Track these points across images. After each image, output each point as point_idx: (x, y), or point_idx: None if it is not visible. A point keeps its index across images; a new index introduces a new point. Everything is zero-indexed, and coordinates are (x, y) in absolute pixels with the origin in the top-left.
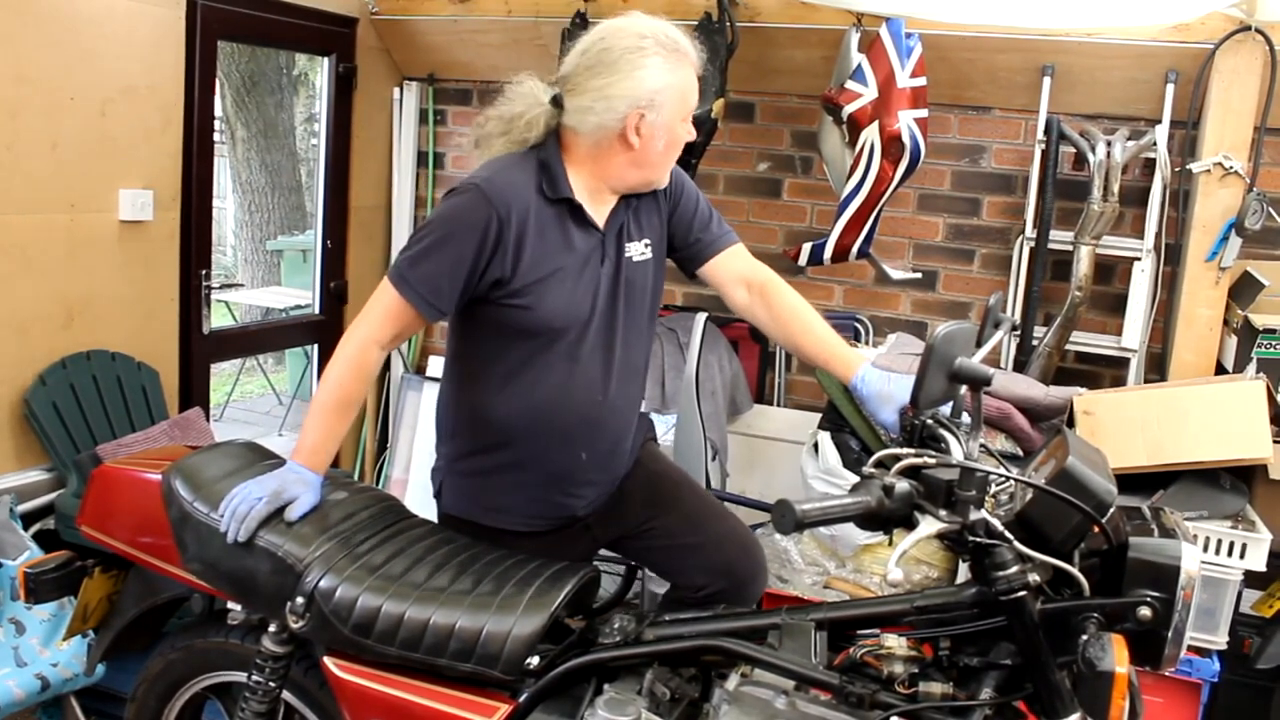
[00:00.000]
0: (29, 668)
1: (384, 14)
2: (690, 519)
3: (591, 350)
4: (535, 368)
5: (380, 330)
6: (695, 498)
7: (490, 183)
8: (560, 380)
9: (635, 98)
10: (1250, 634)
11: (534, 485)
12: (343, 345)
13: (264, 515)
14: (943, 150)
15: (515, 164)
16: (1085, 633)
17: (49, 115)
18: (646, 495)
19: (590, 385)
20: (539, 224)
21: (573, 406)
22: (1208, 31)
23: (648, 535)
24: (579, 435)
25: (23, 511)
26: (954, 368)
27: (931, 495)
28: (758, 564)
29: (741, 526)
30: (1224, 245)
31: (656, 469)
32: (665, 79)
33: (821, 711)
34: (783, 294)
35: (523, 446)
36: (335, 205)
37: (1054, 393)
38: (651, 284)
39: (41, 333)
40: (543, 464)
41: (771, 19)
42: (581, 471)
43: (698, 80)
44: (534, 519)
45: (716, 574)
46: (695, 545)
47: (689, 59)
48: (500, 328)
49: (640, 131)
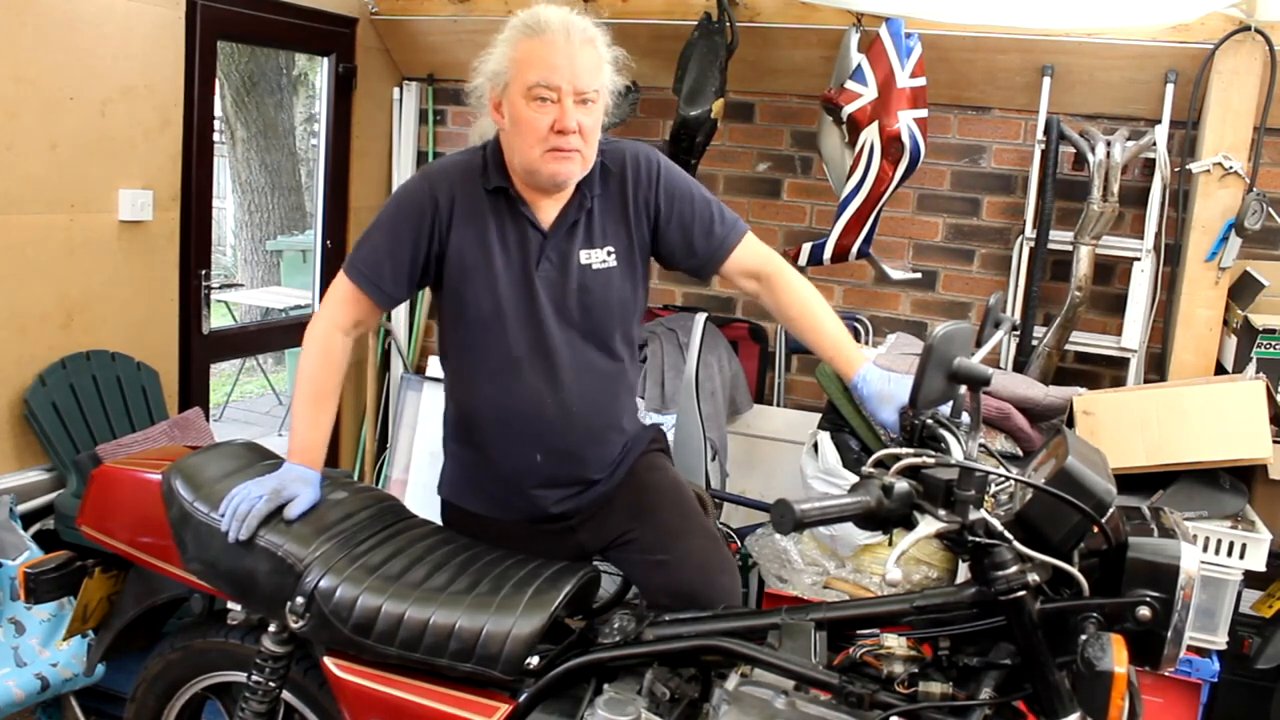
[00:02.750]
0: (29, 668)
1: (384, 14)
2: (662, 535)
3: (528, 350)
4: (481, 359)
5: (339, 316)
6: (673, 513)
7: (432, 167)
8: (504, 378)
9: (490, 77)
10: (1250, 634)
11: (495, 479)
12: (308, 336)
13: (264, 514)
14: (942, 150)
15: (468, 154)
16: (1085, 632)
17: (48, 115)
18: (630, 506)
19: (533, 386)
20: (471, 210)
21: (515, 404)
22: (1207, 31)
23: (627, 547)
24: (529, 435)
25: (23, 511)
26: (953, 367)
27: (931, 495)
28: (722, 593)
29: (711, 547)
30: (1224, 245)
31: (646, 480)
32: (505, 51)
33: (821, 711)
34: (790, 286)
35: (481, 439)
36: (335, 205)
37: (1054, 393)
38: (617, 294)
39: (41, 333)
40: (499, 459)
41: (771, 19)
42: (537, 471)
43: (576, 53)
44: (512, 511)
45: (674, 595)
46: (661, 563)
47: (545, 33)
48: (453, 315)
49: (501, 111)
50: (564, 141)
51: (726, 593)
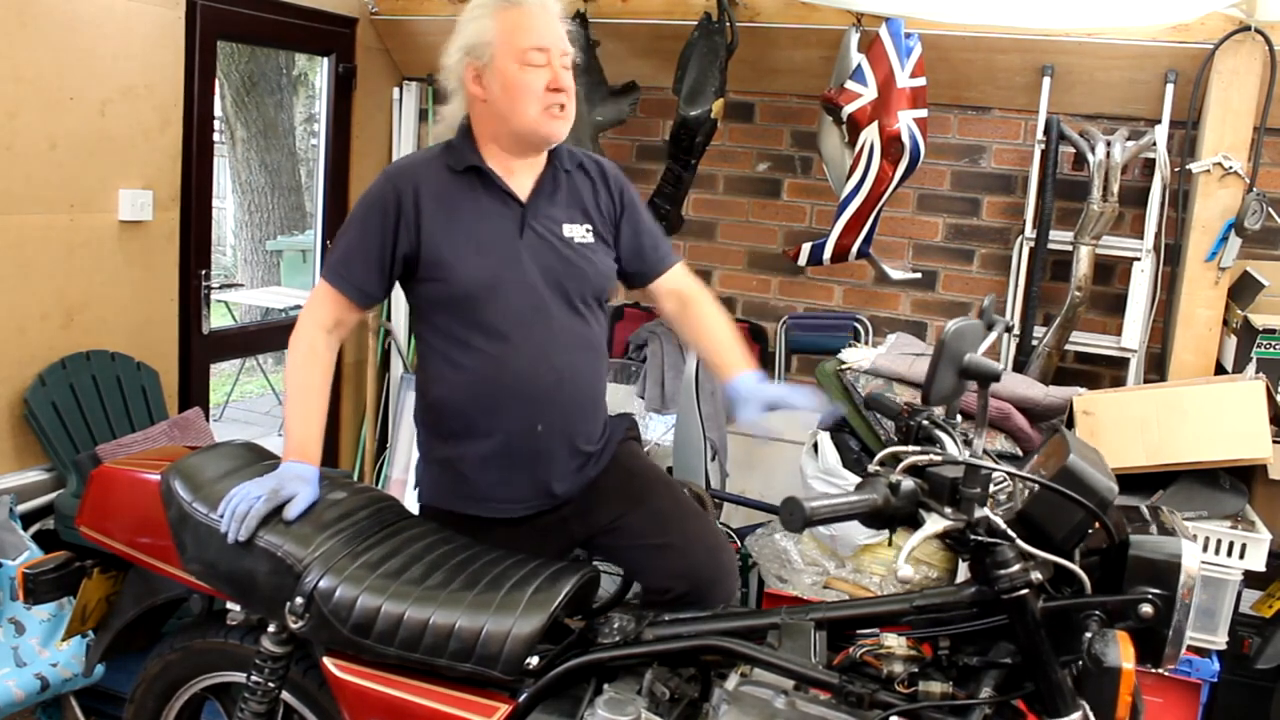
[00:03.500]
0: (28, 668)
1: (384, 14)
2: (658, 519)
3: (522, 317)
4: (470, 341)
5: (318, 315)
6: (667, 498)
7: (394, 165)
8: (496, 351)
9: (463, 50)
10: (1250, 634)
11: (498, 463)
12: (293, 337)
13: (263, 514)
14: (942, 150)
15: (428, 149)
16: (1088, 630)
17: (48, 115)
18: (620, 492)
19: (529, 353)
20: (443, 197)
21: (512, 376)
22: (1207, 32)
23: (616, 533)
24: (528, 405)
25: (22, 511)
26: (963, 363)
27: (936, 493)
28: (724, 569)
29: (711, 530)
30: (1223, 245)
31: (633, 466)
32: (486, 24)
33: (821, 711)
34: (707, 311)
35: (477, 424)
36: (335, 205)
37: (1053, 393)
38: (599, 267)
39: (41, 333)
40: (500, 439)
41: (771, 19)
42: (540, 442)
43: (553, 19)
44: (508, 502)
45: (680, 577)
46: (661, 546)
47: (524, 3)
48: (432, 307)
49: (481, 82)
50: (561, 99)
51: (730, 572)
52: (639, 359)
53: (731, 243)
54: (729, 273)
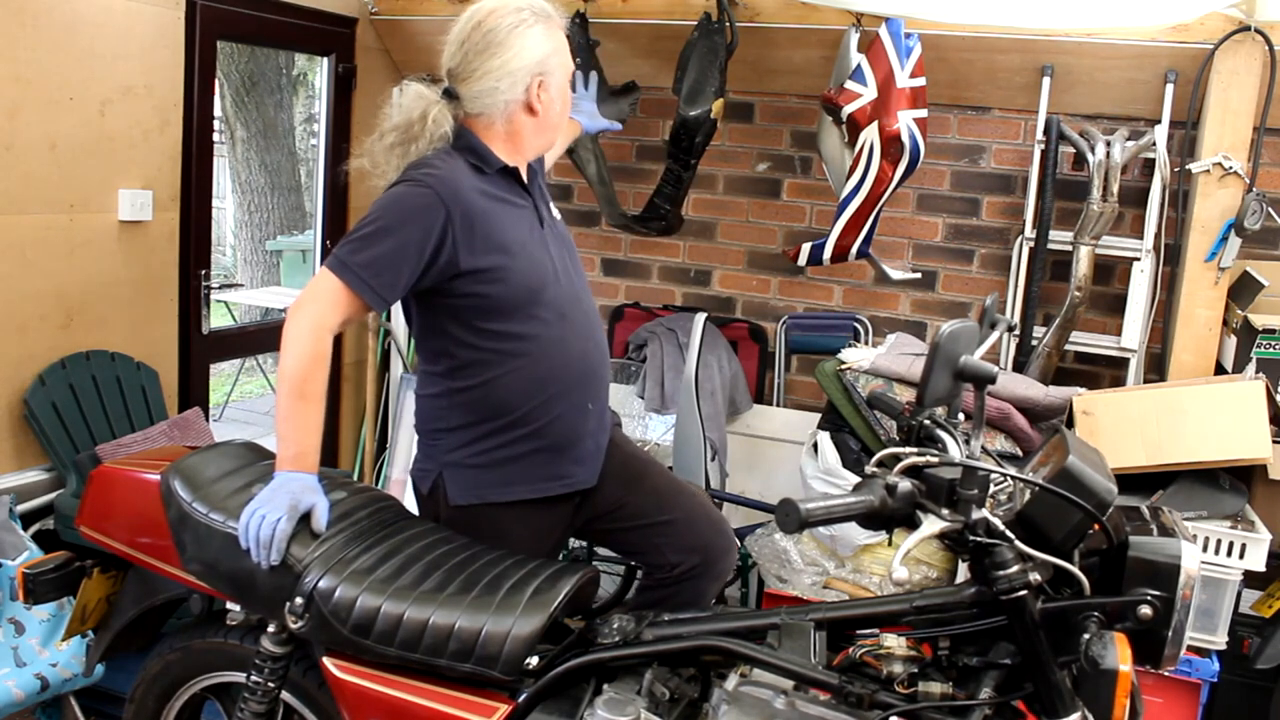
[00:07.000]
0: (28, 668)
1: (384, 14)
2: (659, 497)
3: (568, 301)
4: (531, 335)
5: (330, 317)
6: (662, 477)
7: (432, 177)
8: (556, 336)
9: (533, 67)
10: (1249, 634)
11: (545, 456)
12: (295, 336)
13: (289, 533)
14: (942, 150)
15: (448, 157)
16: (1086, 631)
17: (48, 115)
18: (617, 475)
19: (579, 334)
20: (485, 204)
21: (571, 360)
22: (1207, 32)
23: (617, 516)
24: (583, 386)
25: (22, 511)
26: (959, 365)
27: (934, 494)
28: (729, 539)
29: (708, 503)
30: (1223, 245)
31: (627, 450)
32: (551, 44)
33: (821, 711)
34: None
35: (536, 417)
36: (335, 205)
37: (1053, 393)
38: (571, 241)
39: (41, 333)
40: (555, 427)
41: (771, 19)
42: (588, 422)
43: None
44: (566, 475)
45: (689, 550)
46: (666, 522)
47: (560, 23)
48: (483, 312)
49: (541, 98)
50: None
51: (734, 544)
52: (639, 359)
53: (731, 243)
54: (729, 273)
